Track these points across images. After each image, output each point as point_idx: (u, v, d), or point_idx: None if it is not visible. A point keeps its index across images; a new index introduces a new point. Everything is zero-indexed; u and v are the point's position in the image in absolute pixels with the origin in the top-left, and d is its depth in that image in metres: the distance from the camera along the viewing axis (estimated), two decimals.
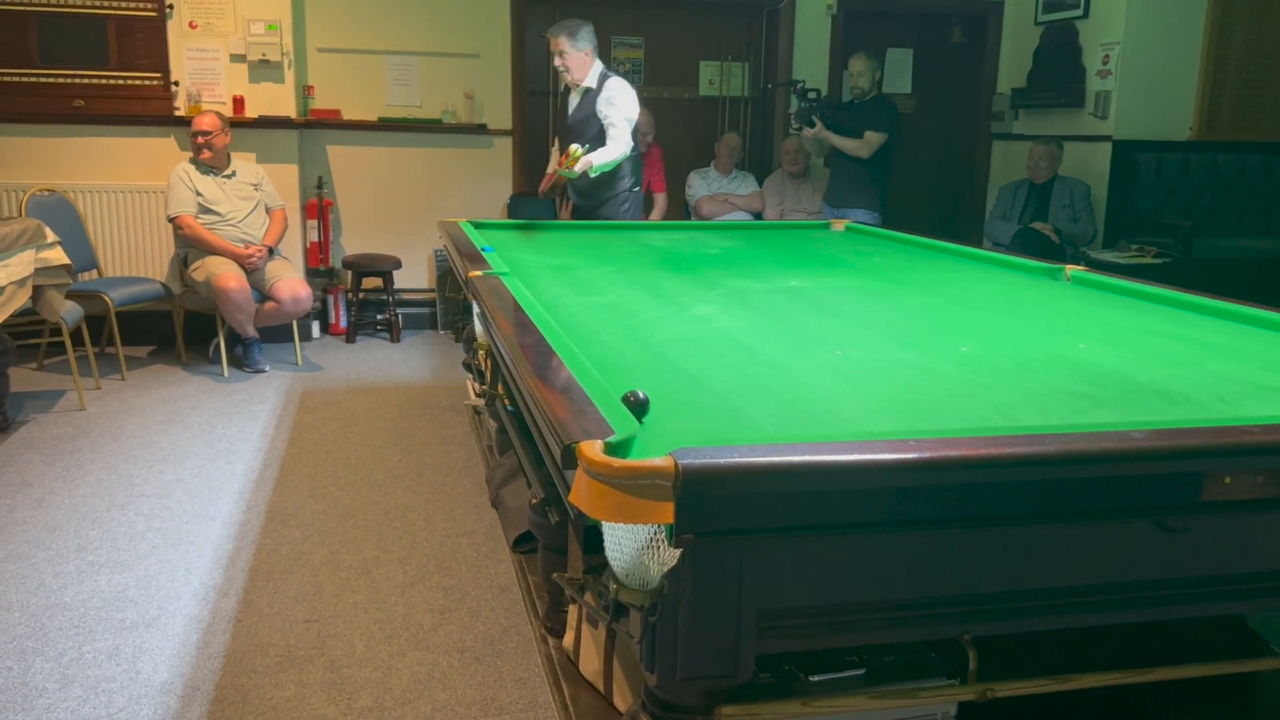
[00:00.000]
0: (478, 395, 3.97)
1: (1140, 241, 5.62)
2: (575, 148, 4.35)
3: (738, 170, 6.27)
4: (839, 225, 4.65)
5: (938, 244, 3.93)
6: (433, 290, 6.22)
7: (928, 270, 3.43)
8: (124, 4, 5.34)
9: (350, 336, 5.90)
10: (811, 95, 5.54)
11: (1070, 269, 3.18)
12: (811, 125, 5.46)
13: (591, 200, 4.76)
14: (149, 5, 5.36)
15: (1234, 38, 5.96)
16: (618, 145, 4.51)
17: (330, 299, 5.98)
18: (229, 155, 5.19)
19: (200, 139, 5.03)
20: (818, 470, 1.31)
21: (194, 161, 5.09)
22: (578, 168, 4.47)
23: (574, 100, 4.74)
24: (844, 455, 1.33)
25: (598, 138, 4.58)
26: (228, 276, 4.87)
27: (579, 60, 4.59)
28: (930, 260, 3.66)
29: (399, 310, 6.00)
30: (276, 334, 5.41)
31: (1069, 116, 6.14)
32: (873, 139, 5.31)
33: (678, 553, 1.33)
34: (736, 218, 5.85)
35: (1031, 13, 6.44)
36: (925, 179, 7.17)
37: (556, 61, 4.63)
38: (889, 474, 1.33)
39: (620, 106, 4.54)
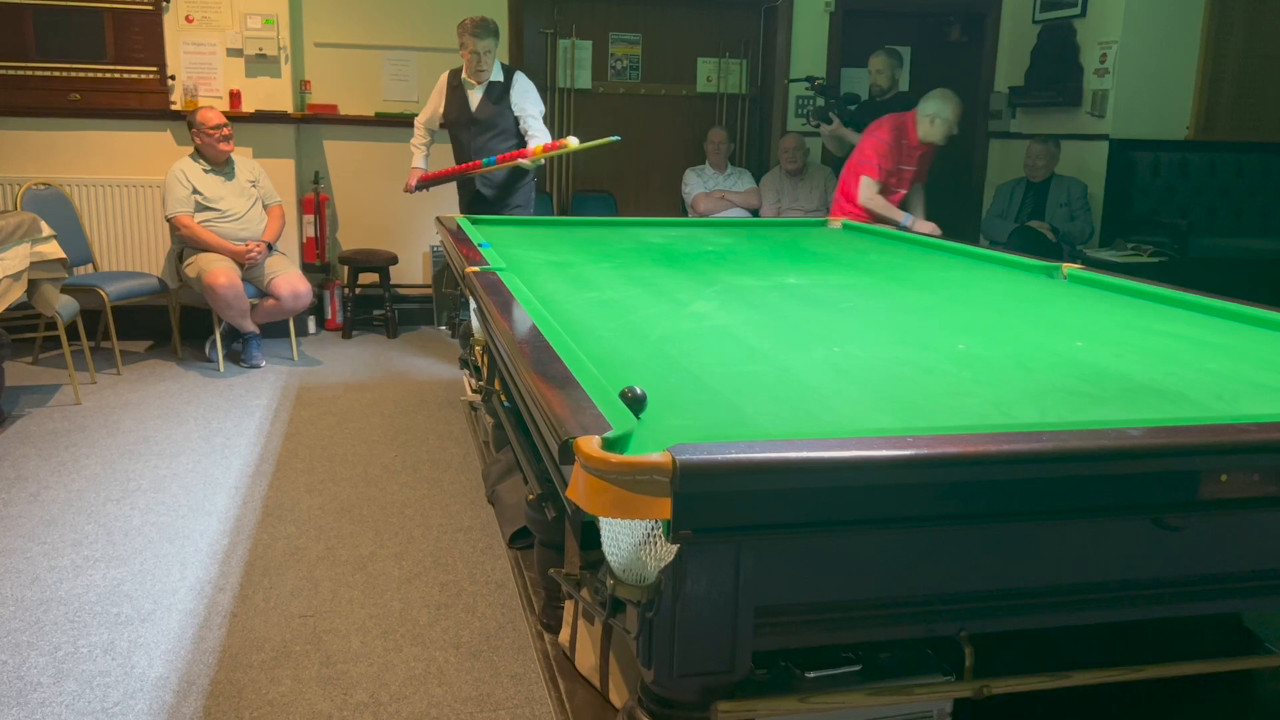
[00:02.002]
0: (474, 391, 3.96)
1: (1137, 240, 5.63)
2: (572, 140, 4.52)
3: (734, 167, 6.26)
4: (836, 223, 4.65)
5: (935, 242, 3.93)
6: (429, 286, 6.21)
7: (925, 268, 3.44)
8: None
9: (346, 332, 5.89)
10: (832, 94, 5.52)
11: (1067, 267, 3.18)
12: (829, 122, 5.45)
13: (502, 190, 4.93)
14: None
15: (1232, 37, 5.96)
16: (546, 133, 4.83)
17: (327, 294, 5.97)
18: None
19: (226, 129, 5.02)
20: (815, 467, 1.31)
21: (196, 158, 5.07)
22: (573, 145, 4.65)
23: (474, 95, 4.83)
24: (841, 452, 1.33)
25: (513, 127, 4.84)
26: (218, 273, 4.85)
27: (494, 57, 4.84)
28: (927, 258, 3.66)
29: (395, 306, 6.00)
30: (272, 329, 5.40)
31: (1066, 115, 6.14)
32: None
33: (675, 548, 1.32)
34: (733, 215, 5.85)
35: (1029, 11, 6.44)
36: None
37: (479, 62, 4.78)
38: (886, 471, 1.33)
39: (536, 101, 4.87)
